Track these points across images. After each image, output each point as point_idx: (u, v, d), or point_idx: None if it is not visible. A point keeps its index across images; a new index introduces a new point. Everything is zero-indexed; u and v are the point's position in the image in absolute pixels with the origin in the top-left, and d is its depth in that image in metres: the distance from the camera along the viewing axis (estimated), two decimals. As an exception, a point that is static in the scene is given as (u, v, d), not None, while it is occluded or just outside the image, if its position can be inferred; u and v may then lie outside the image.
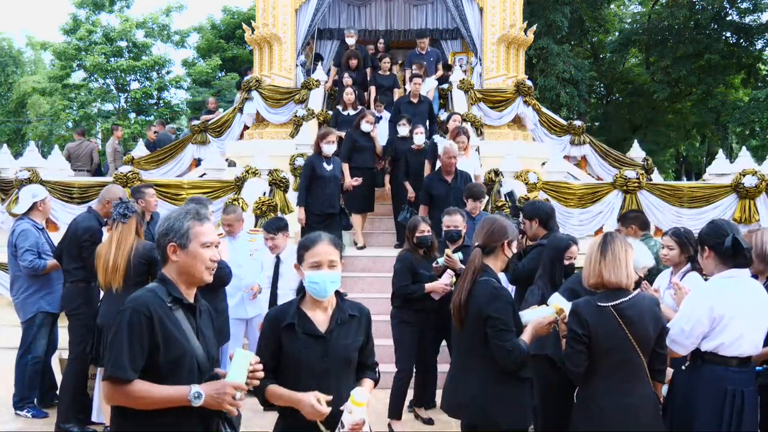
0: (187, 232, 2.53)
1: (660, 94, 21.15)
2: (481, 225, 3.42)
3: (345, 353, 2.76)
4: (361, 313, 2.88)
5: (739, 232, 3.40)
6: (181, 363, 2.43)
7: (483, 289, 3.21)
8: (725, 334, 3.23)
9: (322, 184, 7.12)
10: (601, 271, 3.12)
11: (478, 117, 10.40)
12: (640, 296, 3.14)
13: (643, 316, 3.08)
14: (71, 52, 24.93)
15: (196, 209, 2.61)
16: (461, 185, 6.85)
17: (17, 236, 5.52)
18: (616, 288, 3.11)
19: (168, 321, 2.44)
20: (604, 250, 3.15)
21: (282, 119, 10.86)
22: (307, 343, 2.70)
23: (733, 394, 3.22)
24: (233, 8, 27.89)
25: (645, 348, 3.07)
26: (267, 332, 2.78)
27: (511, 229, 3.38)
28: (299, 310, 2.78)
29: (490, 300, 3.16)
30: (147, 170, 10.50)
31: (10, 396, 5.57)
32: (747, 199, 8.31)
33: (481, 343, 3.20)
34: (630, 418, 3.02)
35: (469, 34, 11.34)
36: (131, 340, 2.36)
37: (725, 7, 20.98)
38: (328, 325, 2.76)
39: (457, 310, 3.27)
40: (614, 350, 3.04)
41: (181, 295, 2.52)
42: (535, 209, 4.91)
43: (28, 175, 8.24)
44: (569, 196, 8.48)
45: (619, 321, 3.04)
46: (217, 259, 2.58)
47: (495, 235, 3.33)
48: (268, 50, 11.44)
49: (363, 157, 8.28)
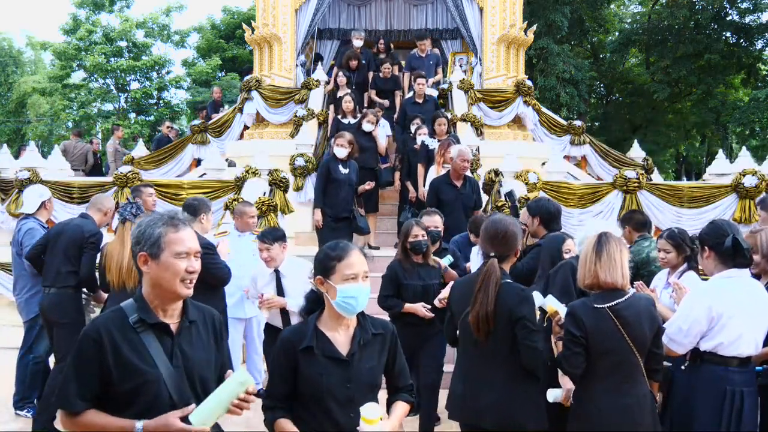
0: (158, 240, 2.24)
1: (660, 94, 21.15)
2: (491, 232, 3.31)
3: (370, 378, 2.51)
4: (386, 330, 2.62)
5: (739, 232, 3.40)
6: (142, 391, 2.16)
7: (510, 292, 3.18)
8: (724, 333, 3.23)
9: (336, 187, 7.09)
10: (596, 272, 3.10)
11: (478, 117, 10.40)
12: (635, 297, 3.14)
13: (640, 316, 3.08)
14: (71, 52, 24.94)
15: (172, 215, 2.33)
16: (470, 191, 6.74)
17: (24, 234, 5.51)
18: (612, 289, 3.10)
19: (125, 345, 2.17)
20: (599, 251, 3.12)
21: (282, 119, 10.86)
22: (327, 367, 2.46)
23: (733, 394, 3.21)
24: (233, 8, 27.90)
25: (641, 348, 3.07)
26: (281, 356, 2.52)
27: (520, 233, 3.36)
28: (317, 330, 2.51)
29: (521, 302, 3.15)
30: (147, 170, 10.50)
31: (9, 396, 5.57)
32: (747, 199, 8.30)
33: (507, 347, 3.15)
34: (627, 419, 3.02)
35: (469, 34, 11.34)
36: (77, 368, 2.16)
37: (725, 7, 20.97)
38: (350, 347, 2.50)
39: (484, 322, 3.13)
40: (611, 351, 3.04)
41: (148, 315, 2.23)
42: (539, 207, 4.76)
43: (28, 175, 8.24)
44: (569, 196, 8.47)
45: (615, 322, 3.04)
46: (195, 269, 2.27)
47: (509, 243, 3.28)
48: (268, 50, 11.44)
49: (364, 157, 8.29)
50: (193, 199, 5.32)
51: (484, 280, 3.18)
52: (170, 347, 2.24)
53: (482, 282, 3.18)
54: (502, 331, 3.14)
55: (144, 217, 4.43)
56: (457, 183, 6.72)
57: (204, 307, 2.43)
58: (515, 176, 8.36)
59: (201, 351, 2.31)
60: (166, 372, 2.19)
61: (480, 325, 3.14)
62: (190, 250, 2.28)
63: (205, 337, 2.36)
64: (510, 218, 3.42)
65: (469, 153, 6.82)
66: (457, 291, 3.48)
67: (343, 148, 7.09)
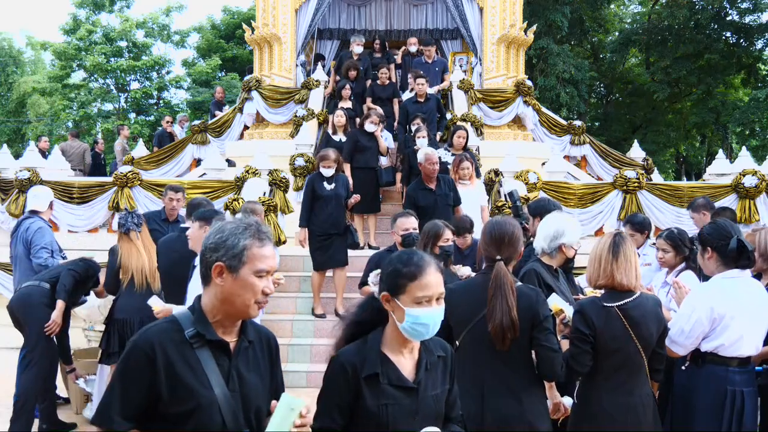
0: (241, 253, 1.98)
1: (660, 94, 21.17)
2: (496, 235, 3.11)
3: (437, 408, 2.21)
4: (446, 351, 2.31)
5: (740, 232, 3.40)
6: (194, 415, 1.93)
7: (527, 294, 2.99)
8: (725, 334, 3.23)
9: (322, 204, 6.85)
10: (613, 273, 3.09)
11: (478, 117, 10.40)
12: (643, 297, 3.14)
13: (647, 316, 3.08)
14: (71, 52, 24.95)
15: (258, 224, 2.07)
16: (446, 190, 6.60)
17: (34, 233, 5.47)
18: (627, 290, 3.10)
19: (180, 362, 1.94)
20: (615, 252, 3.10)
21: (282, 119, 10.86)
22: (394, 397, 2.13)
23: (733, 394, 3.22)
24: (233, 8, 27.96)
25: (647, 348, 3.08)
26: (339, 382, 2.14)
27: (522, 234, 3.21)
28: (381, 354, 2.17)
29: (539, 302, 2.98)
30: (147, 170, 10.50)
31: (9, 396, 5.56)
32: (747, 199, 8.30)
33: (526, 353, 2.97)
34: (631, 418, 3.02)
35: (469, 34, 11.35)
36: (123, 384, 1.94)
37: (725, 7, 20.98)
38: (416, 374, 2.18)
39: (509, 330, 2.85)
40: (618, 350, 3.05)
41: (207, 329, 2.00)
42: (540, 207, 4.74)
43: (29, 175, 8.24)
44: (569, 196, 8.47)
45: (623, 321, 3.04)
46: (271, 292, 2.03)
47: (515, 245, 3.12)
48: (268, 50, 11.44)
49: (365, 157, 8.25)
50: (196, 200, 5.30)
51: (497, 286, 2.93)
52: (227, 368, 2.00)
53: (495, 288, 2.93)
54: (522, 338, 2.93)
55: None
56: (431, 186, 6.53)
57: (260, 326, 2.19)
58: (515, 176, 8.36)
59: (257, 375, 2.07)
60: (222, 396, 1.96)
61: (505, 334, 2.86)
62: (271, 269, 2.02)
63: (262, 360, 2.12)
64: (511, 219, 3.28)
65: (435, 155, 6.60)
66: (458, 299, 3.02)
67: (329, 168, 6.85)
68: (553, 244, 3.63)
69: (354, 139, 8.32)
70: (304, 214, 6.91)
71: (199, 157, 10.99)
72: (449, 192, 6.60)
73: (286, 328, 6.96)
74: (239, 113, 11.24)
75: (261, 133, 10.96)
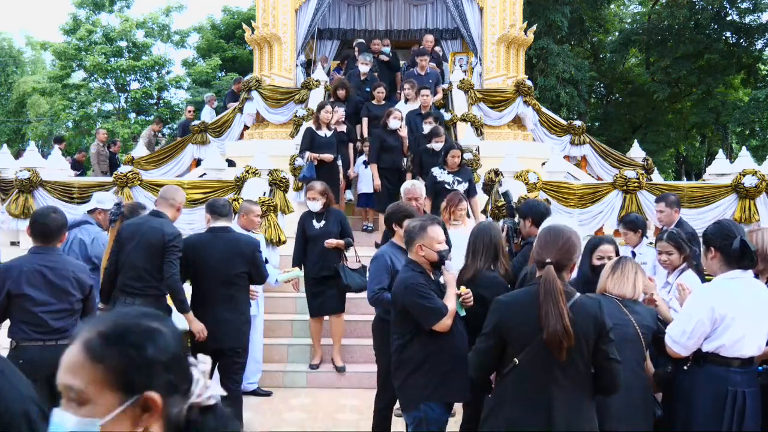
0: None
1: (660, 94, 21.16)
2: (550, 238, 2.91)
3: None
4: None
5: (744, 232, 3.39)
6: None
7: (590, 304, 2.83)
8: (727, 334, 3.23)
9: (313, 244, 6.15)
10: (606, 283, 3.37)
11: (478, 117, 10.40)
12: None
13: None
14: (71, 52, 24.95)
15: None
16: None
17: (96, 246, 5.19)
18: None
19: None
20: (614, 270, 3.45)
21: (282, 119, 10.86)
22: None
23: (735, 395, 3.21)
24: (233, 8, 27.93)
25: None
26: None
27: (579, 242, 2.98)
28: None
29: (603, 312, 2.82)
30: (147, 170, 10.50)
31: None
32: (747, 199, 8.30)
33: (583, 365, 2.80)
34: None
35: (469, 34, 11.35)
36: None
37: (725, 7, 20.97)
38: None
39: (564, 337, 2.69)
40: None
41: None
42: (530, 208, 4.80)
43: (29, 175, 8.24)
44: (569, 196, 8.47)
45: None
46: None
47: (567, 251, 2.89)
48: (268, 50, 11.44)
49: (392, 156, 8.09)
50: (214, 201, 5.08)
51: (546, 291, 2.76)
52: None
53: (545, 294, 2.76)
54: (586, 349, 2.78)
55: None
56: None
57: None
58: (515, 176, 8.35)
59: None
60: None
61: (561, 341, 2.70)
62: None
63: None
64: (569, 227, 2.99)
65: (418, 191, 5.93)
66: (513, 313, 2.89)
67: (315, 201, 6.17)
68: None
69: (380, 138, 8.14)
70: (297, 254, 6.24)
71: (199, 157, 10.99)
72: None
73: (286, 328, 6.96)
74: (239, 113, 11.24)
75: (261, 133, 10.96)
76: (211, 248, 4.64)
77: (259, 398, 5.92)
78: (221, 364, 4.62)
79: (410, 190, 5.89)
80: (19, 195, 8.23)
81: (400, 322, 3.61)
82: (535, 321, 2.76)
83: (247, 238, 4.86)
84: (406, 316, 3.54)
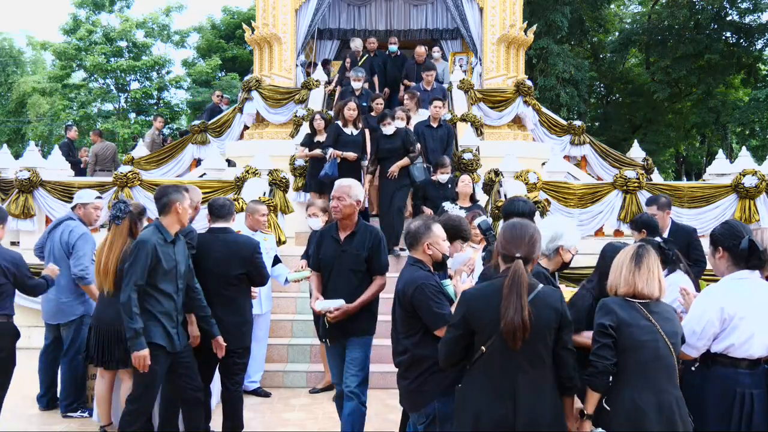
0: None
1: (660, 94, 21.16)
2: (516, 234, 3.07)
3: None
4: None
5: (751, 232, 3.38)
6: None
7: (551, 296, 2.99)
8: (735, 335, 3.22)
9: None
10: (635, 281, 3.08)
11: (478, 117, 10.40)
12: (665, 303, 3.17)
13: (671, 318, 3.12)
14: (71, 52, 24.96)
15: None
16: (356, 244, 5.06)
17: (78, 238, 5.36)
18: (648, 299, 3.09)
19: None
20: (638, 262, 3.10)
21: (282, 119, 10.87)
22: None
23: (743, 395, 3.21)
24: (233, 8, 27.93)
25: (676, 346, 3.09)
26: None
27: (540, 237, 3.17)
28: None
29: (564, 305, 2.98)
30: (147, 170, 10.50)
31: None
32: (747, 199, 8.31)
33: (546, 355, 2.95)
34: (664, 416, 2.97)
35: (469, 34, 11.35)
36: None
37: (725, 7, 20.98)
38: None
39: (521, 330, 2.84)
40: (645, 344, 3.02)
41: None
42: (513, 208, 4.44)
43: (28, 175, 8.24)
44: (569, 196, 8.47)
45: (649, 316, 3.05)
46: None
47: (533, 245, 3.07)
48: (268, 50, 11.44)
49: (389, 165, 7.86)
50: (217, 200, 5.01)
51: (513, 283, 2.91)
52: None
53: (511, 286, 2.91)
54: (549, 338, 2.94)
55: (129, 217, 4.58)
56: (341, 236, 4.55)
57: None
58: (515, 176, 8.35)
59: None
60: None
61: (516, 333, 2.86)
62: None
63: None
64: (530, 222, 3.20)
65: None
66: (480, 304, 3.02)
67: (316, 218, 5.86)
68: (551, 245, 3.63)
69: (375, 145, 7.96)
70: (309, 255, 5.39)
71: (199, 157, 10.99)
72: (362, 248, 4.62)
73: (286, 328, 6.96)
74: (239, 113, 11.25)
75: (261, 133, 10.96)
76: (210, 250, 4.62)
77: (259, 398, 5.94)
78: (222, 364, 4.62)
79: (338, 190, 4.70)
80: (19, 195, 8.23)
81: (408, 321, 3.59)
82: (499, 312, 2.93)
83: (247, 239, 4.83)
84: (414, 314, 3.54)
